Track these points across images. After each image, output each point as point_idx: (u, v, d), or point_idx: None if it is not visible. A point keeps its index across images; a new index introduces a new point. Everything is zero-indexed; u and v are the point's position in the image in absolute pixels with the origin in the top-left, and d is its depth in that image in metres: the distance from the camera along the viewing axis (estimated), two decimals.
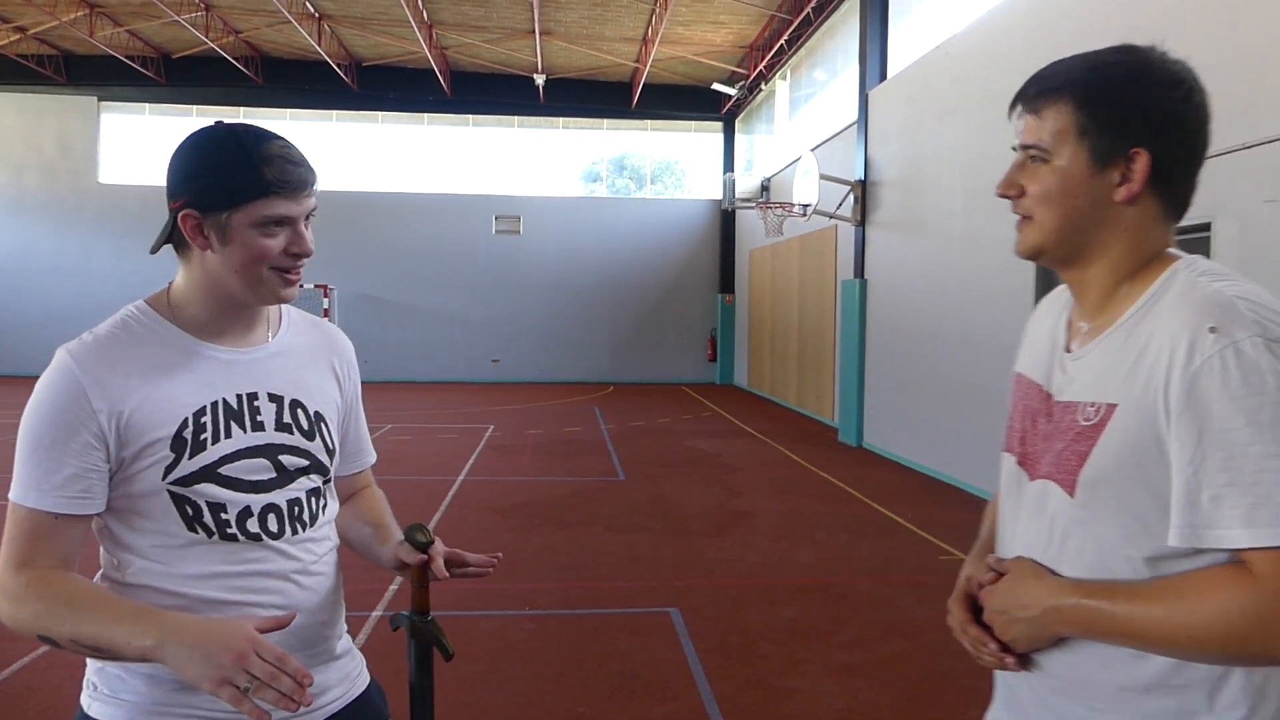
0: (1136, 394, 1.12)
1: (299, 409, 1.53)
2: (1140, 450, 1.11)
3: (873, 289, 12.25)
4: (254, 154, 1.37)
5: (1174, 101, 1.17)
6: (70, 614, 1.29)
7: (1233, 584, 1.03)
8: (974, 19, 9.60)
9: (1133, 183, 1.18)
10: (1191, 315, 1.10)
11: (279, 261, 1.42)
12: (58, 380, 1.36)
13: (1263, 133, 5.46)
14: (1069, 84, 1.21)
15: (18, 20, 17.17)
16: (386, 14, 16.66)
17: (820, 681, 4.33)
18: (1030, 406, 1.32)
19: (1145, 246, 1.22)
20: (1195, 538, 1.06)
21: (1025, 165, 1.25)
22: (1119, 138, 1.17)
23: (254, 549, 1.44)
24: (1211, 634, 1.04)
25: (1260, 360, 1.04)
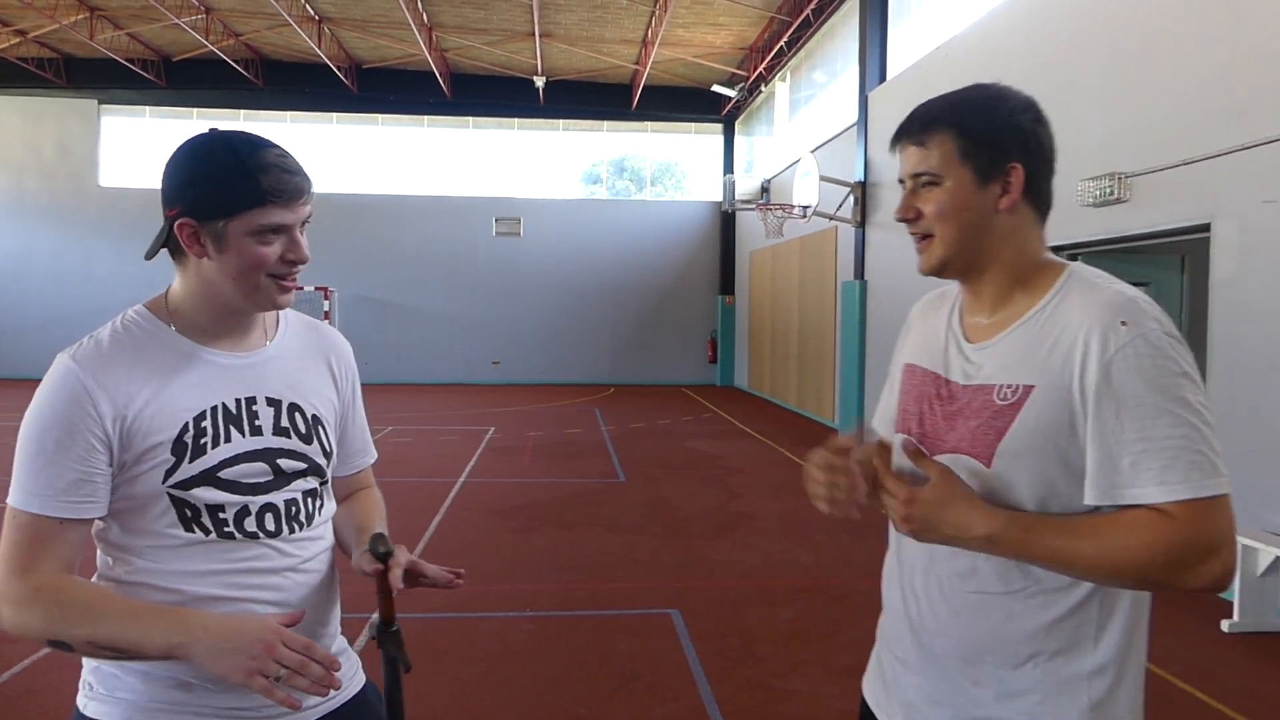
0: (1053, 376, 1.30)
1: (296, 412, 1.54)
2: (1055, 424, 1.30)
3: (873, 290, 12.25)
4: (250, 163, 1.37)
5: (1030, 122, 1.41)
6: (87, 616, 1.31)
7: (1155, 524, 1.23)
8: (973, 21, 9.61)
9: (1012, 193, 1.39)
10: (1102, 311, 1.29)
11: (275, 269, 1.43)
12: (61, 384, 1.36)
13: (1261, 134, 5.46)
14: (945, 117, 1.42)
15: (18, 24, 17.19)
16: (386, 16, 16.68)
17: (820, 683, 4.33)
18: (925, 392, 1.49)
19: (1030, 249, 1.43)
20: (1114, 496, 1.26)
21: (917, 191, 1.44)
22: (997, 156, 1.38)
23: (250, 547, 1.46)
24: (1131, 564, 1.23)
25: (1164, 347, 1.26)
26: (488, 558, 6.45)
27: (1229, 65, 5.77)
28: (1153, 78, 6.54)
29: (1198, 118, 6.04)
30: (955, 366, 1.46)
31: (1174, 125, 6.28)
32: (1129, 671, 1.36)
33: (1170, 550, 1.22)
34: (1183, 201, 6.17)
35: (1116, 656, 1.35)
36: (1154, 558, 1.22)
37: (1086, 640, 1.34)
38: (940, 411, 1.45)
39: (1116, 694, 1.35)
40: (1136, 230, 6.66)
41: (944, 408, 1.45)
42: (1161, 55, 6.45)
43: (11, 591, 1.32)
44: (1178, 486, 1.21)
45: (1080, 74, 7.39)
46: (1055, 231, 7.66)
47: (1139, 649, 1.38)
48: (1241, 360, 5.66)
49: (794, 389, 16.53)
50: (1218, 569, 1.22)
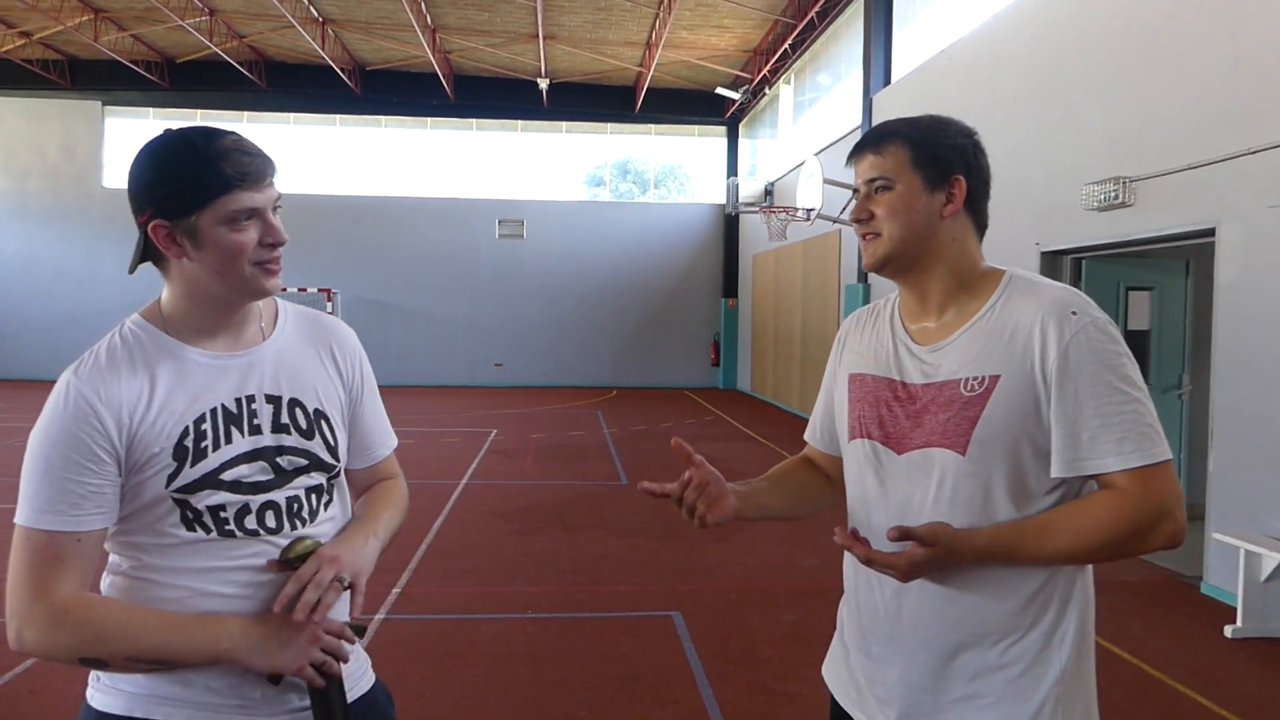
0: (1015, 364, 1.44)
1: (297, 408, 1.54)
2: (1022, 408, 1.44)
3: (876, 294, 12.24)
4: (209, 152, 1.37)
5: (971, 146, 1.58)
6: (125, 634, 1.35)
7: (1114, 503, 1.39)
8: (978, 24, 9.61)
9: (955, 202, 1.55)
10: (1052, 304, 1.45)
11: (256, 255, 1.43)
12: (66, 402, 1.37)
13: (1267, 138, 5.45)
14: (900, 131, 1.57)
15: (23, 25, 17.23)
16: (390, 18, 16.70)
17: (821, 686, 4.31)
18: (880, 396, 1.60)
19: (969, 255, 1.57)
20: (1077, 468, 1.41)
21: (871, 195, 1.58)
22: (944, 168, 1.54)
23: (251, 544, 1.46)
24: (1103, 542, 1.39)
25: (1110, 332, 1.43)
26: (490, 560, 6.45)
27: (1234, 69, 5.76)
28: (1157, 81, 6.53)
29: (1202, 121, 6.03)
30: (910, 369, 1.58)
31: (1179, 129, 6.27)
32: (1087, 639, 1.51)
33: (1130, 520, 1.38)
34: (1187, 206, 6.16)
35: (1078, 626, 1.49)
36: (1119, 530, 1.38)
37: (1054, 613, 1.47)
38: (901, 412, 1.56)
39: (1079, 661, 1.49)
40: (1141, 234, 6.64)
41: (905, 408, 1.56)
42: (1166, 59, 6.44)
43: (35, 615, 1.33)
44: (1132, 455, 1.38)
45: (1084, 77, 7.38)
46: (1059, 236, 7.66)
47: (1090, 617, 1.53)
48: (1246, 365, 5.65)
49: (797, 392, 16.52)
50: (1171, 527, 1.38)
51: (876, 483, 1.57)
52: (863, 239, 1.60)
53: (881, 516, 1.55)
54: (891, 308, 1.68)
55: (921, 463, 1.51)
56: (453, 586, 5.82)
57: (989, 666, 1.47)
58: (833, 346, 1.82)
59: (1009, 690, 1.46)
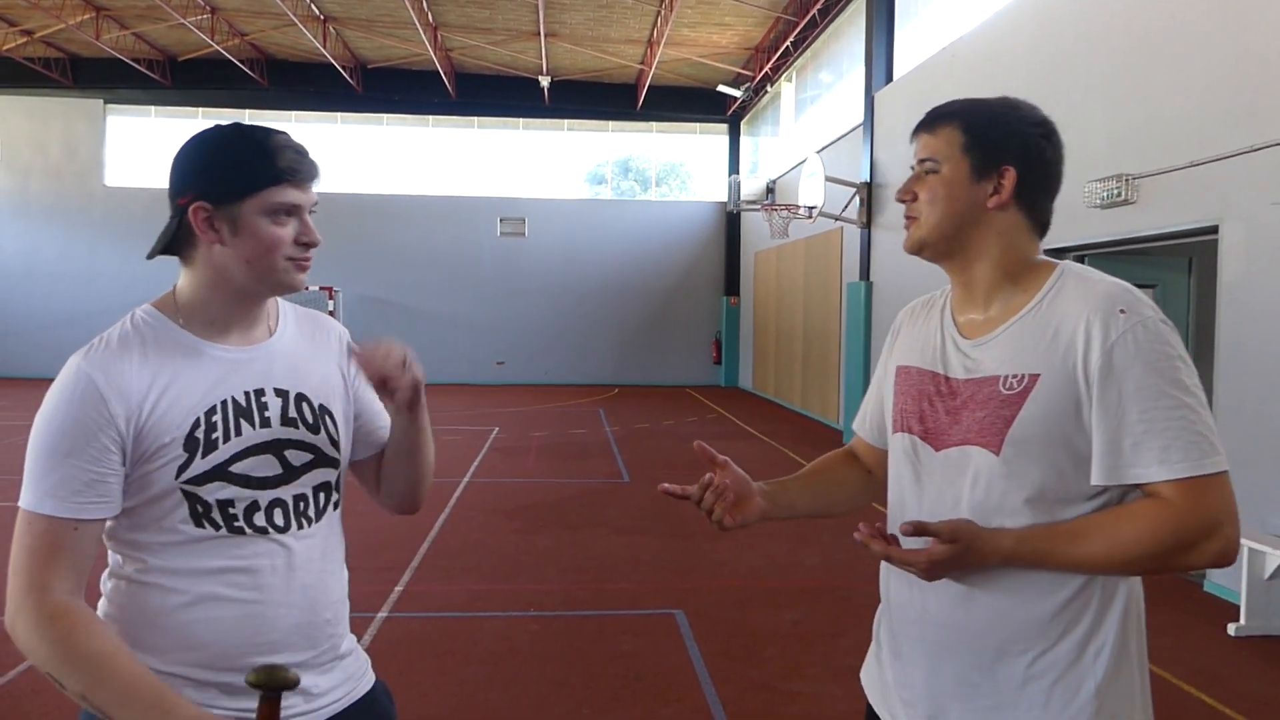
0: (1057, 363, 1.36)
1: (304, 402, 1.55)
2: (1061, 410, 1.36)
3: (878, 291, 12.23)
4: (265, 145, 1.43)
5: (1037, 136, 1.48)
6: (89, 675, 1.29)
7: (1156, 513, 1.30)
8: (980, 22, 9.60)
9: (1002, 194, 1.46)
10: (1100, 300, 1.36)
11: (290, 251, 1.46)
12: (74, 387, 1.36)
13: (1270, 135, 5.44)
14: (958, 112, 1.51)
15: (24, 23, 17.23)
16: (391, 16, 16.69)
17: (825, 685, 4.32)
18: (924, 390, 1.54)
19: (1018, 250, 1.49)
20: (1119, 476, 1.32)
21: (920, 177, 1.52)
22: (994, 155, 1.46)
23: (258, 543, 1.46)
24: (1139, 553, 1.30)
25: (1161, 333, 1.33)
26: (492, 558, 6.45)
27: (1237, 66, 5.75)
28: (1160, 79, 6.52)
29: (1205, 119, 6.02)
30: (954, 363, 1.51)
31: (1181, 126, 6.26)
32: (1130, 651, 1.40)
33: (1173, 534, 1.28)
34: (1190, 203, 6.15)
35: (1118, 637, 1.39)
36: (1159, 543, 1.29)
37: (1089, 622, 1.38)
38: (942, 408, 1.50)
39: (1119, 674, 1.39)
40: (1144, 232, 6.64)
41: (945, 404, 1.49)
42: (1169, 56, 6.43)
43: (27, 610, 1.31)
44: (1178, 465, 1.28)
45: (1087, 75, 7.37)
46: (1061, 233, 7.64)
47: (1136, 630, 1.42)
48: (1249, 362, 5.64)
49: (799, 390, 16.52)
50: (1220, 544, 1.28)
51: (914, 479, 1.53)
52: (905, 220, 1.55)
53: (915, 514, 1.49)
54: (945, 298, 1.62)
55: (958, 460, 1.45)
56: (455, 585, 5.83)
57: (1016, 678, 1.39)
58: (887, 336, 1.76)
59: (1037, 703, 1.38)
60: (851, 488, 1.81)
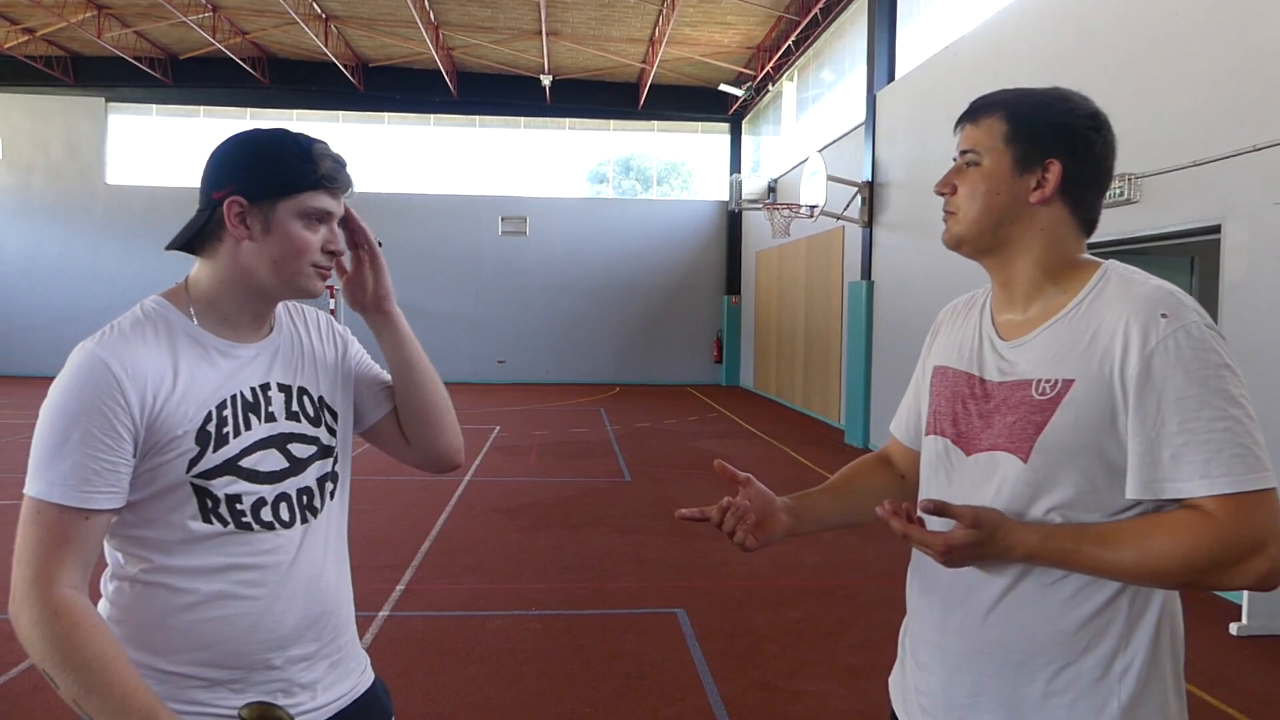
0: (1093, 369, 1.30)
1: (305, 395, 1.57)
2: (1095, 419, 1.29)
3: (879, 290, 12.22)
4: (309, 150, 1.47)
5: (1086, 129, 1.40)
6: (83, 679, 1.27)
7: (1196, 525, 1.21)
8: (982, 20, 9.58)
9: (1045, 188, 1.40)
10: (1141, 304, 1.29)
11: (316, 258, 1.49)
12: (88, 372, 1.34)
13: (1273, 134, 5.43)
14: (1004, 102, 1.45)
15: (26, 21, 17.23)
16: (393, 15, 16.69)
17: (827, 683, 4.32)
18: (958, 392, 1.49)
19: (1061, 248, 1.42)
20: (1156, 490, 1.25)
21: (961, 169, 1.47)
22: (1037, 148, 1.40)
23: (266, 539, 1.46)
24: (1172, 566, 1.22)
25: (1205, 339, 1.25)
26: (494, 557, 6.45)
27: (1240, 65, 5.74)
28: (1162, 78, 6.51)
29: (1208, 118, 6.01)
30: (989, 364, 1.46)
31: (1184, 126, 6.25)
32: (1162, 670, 1.34)
33: (1212, 550, 1.20)
34: (1193, 203, 6.14)
35: (1148, 655, 1.33)
36: (1195, 559, 1.21)
37: (1116, 638, 1.32)
38: (975, 410, 1.45)
39: (1146, 695, 1.32)
40: (1146, 231, 6.63)
41: (978, 406, 1.44)
42: (1171, 55, 6.42)
43: (32, 602, 1.29)
44: (1220, 480, 1.21)
45: (1089, 74, 7.36)
46: None
47: (1169, 649, 1.36)
48: (1251, 362, 5.63)
49: (800, 389, 16.51)
50: (1264, 565, 1.20)
51: (945, 483, 1.47)
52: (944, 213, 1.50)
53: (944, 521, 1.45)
54: (985, 297, 1.56)
55: (986, 466, 1.39)
56: (456, 584, 5.82)
57: (1036, 693, 1.34)
58: (928, 335, 1.69)
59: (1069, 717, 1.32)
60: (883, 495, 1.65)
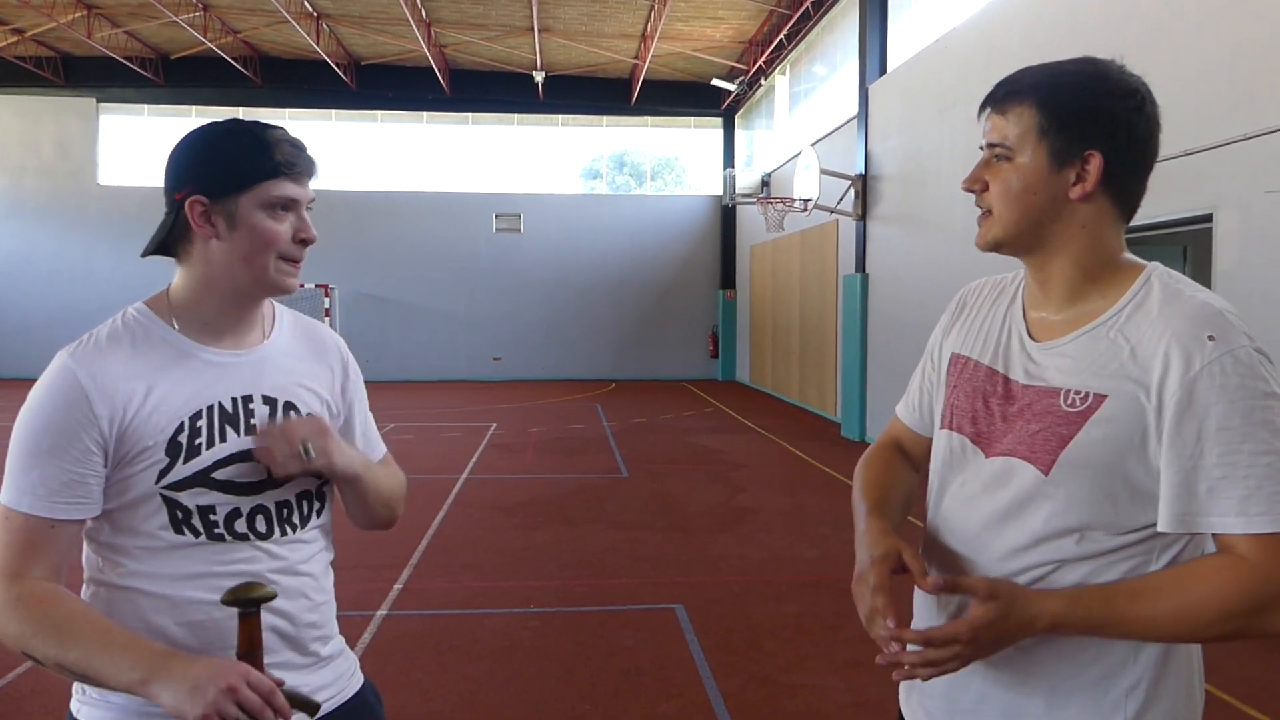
0: (1129, 388, 1.22)
1: (292, 411, 1.53)
2: (1125, 439, 1.22)
3: (874, 283, 12.23)
4: (262, 138, 1.42)
5: (1127, 110, 1.27)
6: (58, 638, 1.28)
7: (1230, 570, 1.15)
8: (973, 13, 9.58)
9: (1086, 182, 1.28)
10: (1187, 322, 1.20)
11: (286, 250, 1.44)
12: (59, 384, 1.34)
13: (1264, 123, 5.44)
14: (1034, 88, 1.31)
15: (15, 22, 17.16)
16: (385, 12, 16.64)
17: (826, 677, 4.33)
18: (979, 388, 1.41)
19: (1103, 244, 1.33)
20: (1190, 524, 1.18)
21: (990, 163, 1.35)
22: (1076, 140, 1.27)
23: (241, 549, 1.43)
24: (1214, 617, 1.15)
25: (1253, 365, 1.17)
26: (491, 554, 6.45)
27: (1230, 55, 5.75)
28: (1153, 67, 6.45)
29: (1199, 108, 6.02)
30: (1016, 364, 1.37)
31: (1175, 115, 6.21)
32: (1165, 690, 1.28)
33: (1249, 595, 1.14)
34: (1185, 192, 6.15)
35: (1154, 672, 1.27)
36: (1232, 606, 1.15)
37: (1124, 652, 1.27)
38: (998, 411, 1.37)
39: (1149, 713, 1.27)
40: (1138, 221, 6.55)
41: (1001, 408, 1.36)
42: (1162, 45, 6.42)
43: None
44: (1258, 519, 1.14)
45: None
46: None
47: (1181, 665, 1.30)
48: None
49: (796, 383, 16.52)
50: None
51: (957, 485, 1.41)
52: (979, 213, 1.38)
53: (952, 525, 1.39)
54: (1018, 286, 1.46)
55: (1003, 471, 1.32)
56: (454, 582, 5.83)
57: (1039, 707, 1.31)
58: (944, 314, 1.59)
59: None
60: (911, 495, 1.62)
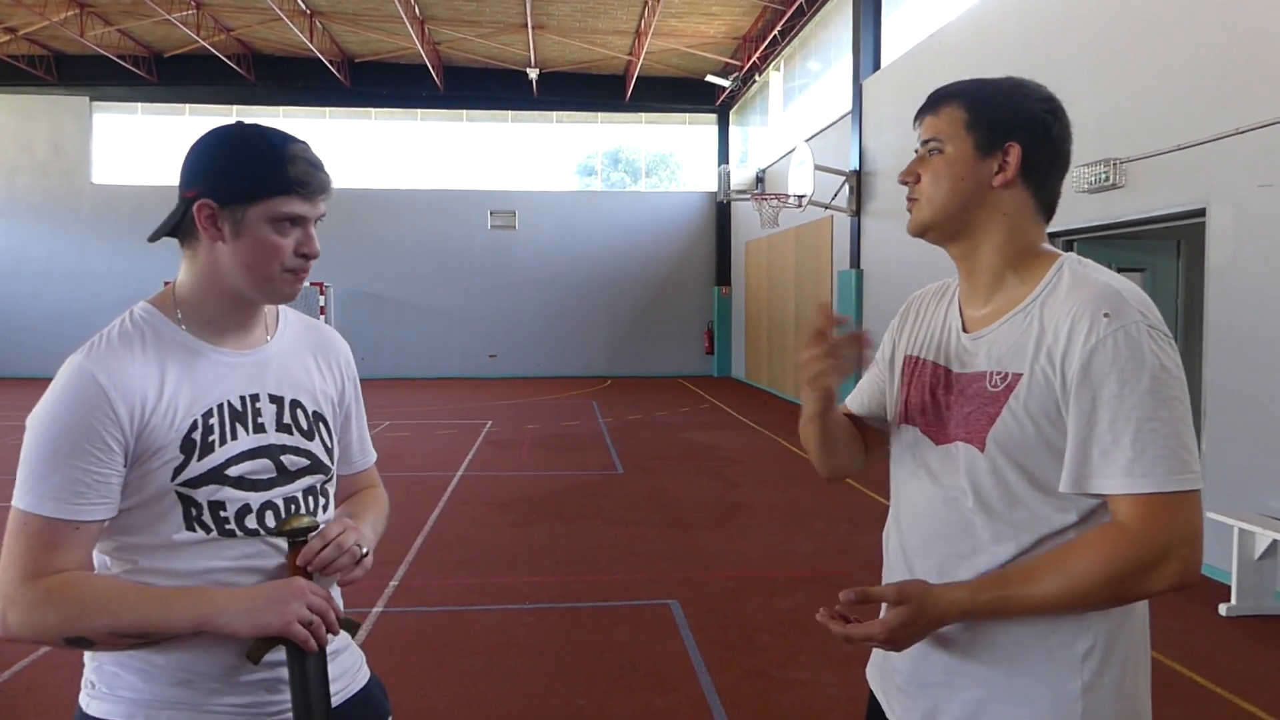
0: (1040, 365, 1.34)
1: (299, 409, 1.55)
2: (1040, 412, 1.33)
3: (869, 279, 12.25)
4: (281, 152, 1.41)
5: (1042, 111, 1.44)
6: (108, 607, 1.32)
7: (1108, 539, 1.27)
8: (966, 8, 9.59)
9: (1007, 171, 1.42)
10: (1087, 302, 1.31)
11: (290, 262, 1.45)
12: (77, 386, 1.34)
13: (1256, 118, 5.46)
14: (963, 90, 1.48)
15: (8, 21, 17.11)
16: (378, 9, 16.61)
17: (820, 672, 4.34)
18: (926, 383, 1.53)
19: (1023, 234, 1.45)
20: (1083, 484, 1.29)
21: (924, 158, 1.49)
22: (998, 132, 1.42)
23: (250, 544, 1.45)
24: (1096, 584, 1.26)
25: (1142, 341, 1.27)
26: (487, 551, 6.46)
27: (1223, 49, 5.76)
28: (1147, 63, 6.53)
29: (1192, 102, 6.03)
30: (954, 356, 1.50)
31: (1168, 110, 6.28)
32: (1117, 653, 1.36)
33: (1127, 559, 1.25)
34: (1178, 187, 6.17)
35: (1107, 638, 1.35)
36: (1113, 571, 1.25)
37: (1076, 621, 1.34)
38: (944, 402, 1.48)
39: (1104, 676, 1.35)
40: (1132, 216, 6.66)
41: (947, 398, 1.48)
42: (1155, 40, 6.44)
43: (21, 596, 1.31)
44: (1142, 479, 1.24)
45: (1074, 60, 7.38)
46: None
47: (1132, 631, 1.39)
48: (1237, 344, 5.67)
49: (791, 379, 16.54)
50: (1176, 567, 1.24)
51: (915, 472, 1.52)
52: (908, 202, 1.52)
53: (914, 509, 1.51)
54: (954, 290, 1.59)
55: (952, 456, 1.44)
56: (450, 578, 5.83)
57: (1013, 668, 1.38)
58: (894, 318, 1.71)
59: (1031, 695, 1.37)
60: (858, 449, 1.77)
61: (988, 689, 1.39)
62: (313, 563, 1.43)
